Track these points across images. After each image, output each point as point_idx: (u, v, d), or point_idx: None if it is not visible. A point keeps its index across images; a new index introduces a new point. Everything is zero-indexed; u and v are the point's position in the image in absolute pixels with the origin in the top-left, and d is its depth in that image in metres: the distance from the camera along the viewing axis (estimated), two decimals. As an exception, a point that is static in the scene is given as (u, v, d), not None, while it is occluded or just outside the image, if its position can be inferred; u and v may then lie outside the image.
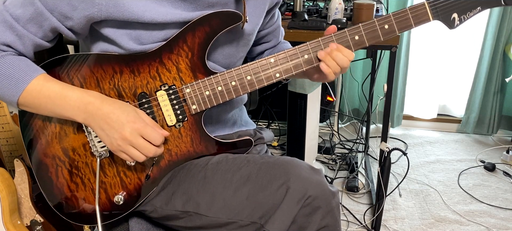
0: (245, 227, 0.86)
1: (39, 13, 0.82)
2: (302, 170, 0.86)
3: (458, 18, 0.90)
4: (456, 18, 0.90)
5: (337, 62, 0.90)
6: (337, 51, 0.89)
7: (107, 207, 0.96)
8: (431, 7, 0.89)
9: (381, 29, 0.90)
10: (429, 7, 0.89)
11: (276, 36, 1.16)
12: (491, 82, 2.66)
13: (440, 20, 0.90)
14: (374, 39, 0.91)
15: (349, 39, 0.91)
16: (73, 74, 0.90)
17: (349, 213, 2.03)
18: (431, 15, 0.90)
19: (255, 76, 0.92)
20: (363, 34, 0.91)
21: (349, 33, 0.91)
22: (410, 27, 0.91)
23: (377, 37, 0.91)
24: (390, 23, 0.90)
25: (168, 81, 0.90)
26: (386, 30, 0.91)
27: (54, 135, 0.93)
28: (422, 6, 0.89)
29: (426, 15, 0.90)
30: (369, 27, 0.90)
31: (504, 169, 2.40)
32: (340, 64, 0.90)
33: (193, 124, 0.94)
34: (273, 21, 1.13)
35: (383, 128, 1.79)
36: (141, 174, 0.95)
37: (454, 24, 0.90)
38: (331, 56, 0.90)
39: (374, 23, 0.90)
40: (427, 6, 0.89)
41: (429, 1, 0.90)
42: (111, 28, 0.86)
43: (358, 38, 0.91)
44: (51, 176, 0.95)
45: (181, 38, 0.88)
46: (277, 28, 1.15)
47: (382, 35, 0.91)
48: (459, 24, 0.90)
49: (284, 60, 0.92)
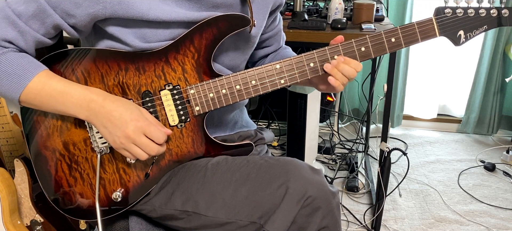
0: (245, 227, 0.86)
1: (41, 9, 0.82)
2: (302, 170, 0.86)
3: (464, 35, 0.91)
4: (462, 35, 0.91)
5: (344, 75, 0.91)
6: (344, 64, 0.90)
7: (105, 203, 0.96)
8: (439, 23, 0.91)
9: (387, 42, 0.91)
10: (436, 23, 0.91)
11: (278, 40, 1.16)
12: (491, 82, 2.66)
13: (446, 36, 0.92)
14: (380, 52, 0.92)
15: (356, 50, 0.92)
16: (77, 68, 0.89)
17: (349, 213, 2.03)
18: (438, 31, 0.91)
19: (260, 82, 0.92)
20: (369, 46, 0.92)
21: (356, 45, 0.91)
22: (416, 42, 0.92)
23: (383, 50, 0.92)
24: (397, 37, 0.91)
25: (173, 81, 0.90)
26: (392, 43, 0.92)
27: (55, 128, 0.92)
28: (429, 22, 0.91)
29: (433, 31, 0.91)
30: (376, 39, 0.91)
31: (504, 169, 2.40)
32: (348, 76, 0.91)
33: (195, 125, 0.94)
34: (275, 24, 1.12)
35: (383, 128, 1.79)
36: (141, 172, 0.95)
37: (460, 41, 0.92)
38: (338, 69, 0.90)
39: (381, 35, 0.91)
40: (435, 22, 0.91)
41: (437, 17, 0.91)
42: (116, 26, 0.86)
43: (365, 49, 0.92)
44: (49, 169, 0.94)
45: (188, 38, 0.88)
46: (278, 32, 1.15)
47: (388, 48, 0.92)
48: (464, 41, 0.92)
49: (290, 67, 0.92)
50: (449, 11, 0.90)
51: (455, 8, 0.90)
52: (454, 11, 0.90)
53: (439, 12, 0.91)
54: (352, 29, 1.71)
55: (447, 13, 0.91)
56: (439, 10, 0.91)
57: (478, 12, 0.90)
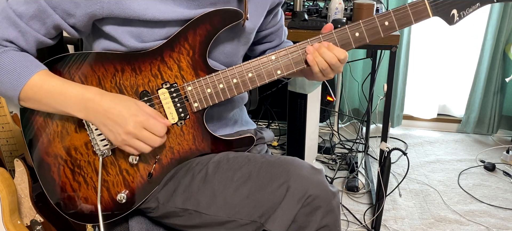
0: (245, 226, 0.86)
1: (42, 10, 0.82)
2: (303, 170, 0.86)
3: (458, 14, 0.90)
4: (456, 14, 0.90)
5: (325, 59, 0.90)
6: (325, 48, 0.90)
7: (110, 206, 0.96)
8: (431, 3, 0.90)
9: (381, 25, 0.91)
10: (428, 4, 0.90)
11: (279, 36, 1.16)
12: (491, 82, 2.66)
13: (439, 16, 0.91)
14: (374, 36, 0.92)
15: (350, 36, 0.91)
16: (74, 73, 0.90)
17: (349, 213, 2.03)
18: (431, 12, 0.90)
19: (256, 73, 0.92)
20: (363, 30, 0.91)
21: (349, 30, 0.91)
22: (410, 24, 0.91)
23: (377, 34, 0.92)
24: (390, 20, 0.91)
25: (170, 79, 0.91)
26: (386, 27, 0.91)
27: (56, 133, 0.93)
28: (422, 3, 0.90)
29: (425, 12, 0.90)
30: (370, 23, 0.91)
31: (504, 169, 2.40)
32: (328, 61, 0.90)
33: (195, 122, 0.94)
34: (276, 20, 1.12)
35: (383, 128, 1.79)
36: (144, 172, 0.95)
37: (453, 20, 0.91)
38: (319, 52, 0.90)
39: (374, 19, 0.91)
40: (427, 2, 0.90)
41: None
42: (113, 25, 0.86)
43: (359, 34, 0.91)
44: (53, 175, 0.95)
45: (182, 36, 0.89)
46: (280, 28, 1.15)
47: (382, 32, 0.91)
48: (458, 20, 0.91)
49: (285, 57, 0.92)
50: None
51: None
52: None
53: None
54: (352, 29, 1.71)
55: None
56: None
57: None
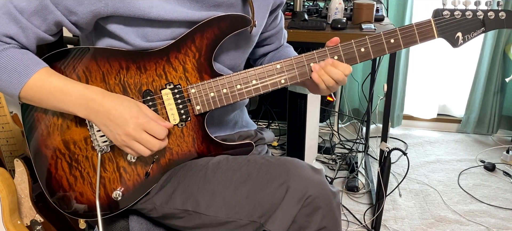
0: (245, 226, 0.86)
1: (43, 6, 0.82)
2: (303, 170, 0.86)
3: (462, 37, 0.92)
4: (460, 37, 0.92)
5: (331, 77, 0.91)
6: (332, 66, 0.90)
7: (105, 202, 0.96)
8: (437, 25, 0.92)
9: (387, 43, 0.92)
10: (435, 25, 0.92)
11: (279, 39, 1.16)
12: (491, 82, 2.66)
13: (444, 38, 0.93)
14: (379, 53, 0.93)
15: (355, 51, 0.92)
16: (78, 67, 0.89)
17: (349, 213, 2.03)
18: (437, 33, 0.92)
19: (261, 81, 0.92)
20: (369, 47, 0.92)
21: (355, 45, 0.92)
22: (415, 43, 0.93)
23: (382, 51, 0.93)
24: (396, 38, 0.92)
25: (174, 80, 0.91)
26: (392, 44, 0.92)
27: (56, 126, 0.92)
28: (428, 24, 0.92)
29: (431, 33, 0.92)
30: (375, 40, 0.92)
31: (504, 169, 2.40)
32: (335, 79, 0.91)
33: (195, 124, 0.94)
34: (276, 23, 1.12)
35: (383, 128, 1.79)
36: (141, 171, 0.95)
37: (458, 43, 0.93)
38: (325, 70, 0.91)
39: (381, 36, 0.92)
40: (433, 23, 0.92)
41: (435, 19, 0.92)
42: (118, 24, 0.86)
43: (364, 50, 0.93)
44: (50, 167, 0.94)
45: (189, 38, 0.89)
46: (280, 30, 1.15)
47: (387, 49, 0.93)
48: (462, 43, 0.93)
49: (290, 67, 0.93)
50: (447, 13, 0.91)
51: (453, 10, 0.91)
52: (452, 13, 0.91)
53: (438, 14, 0.92)
54: (352, 29, 1.71)
55: (445, 15, 0.92)
56: (437, 12, 0.92)
57: (476, 14, 0.91)
